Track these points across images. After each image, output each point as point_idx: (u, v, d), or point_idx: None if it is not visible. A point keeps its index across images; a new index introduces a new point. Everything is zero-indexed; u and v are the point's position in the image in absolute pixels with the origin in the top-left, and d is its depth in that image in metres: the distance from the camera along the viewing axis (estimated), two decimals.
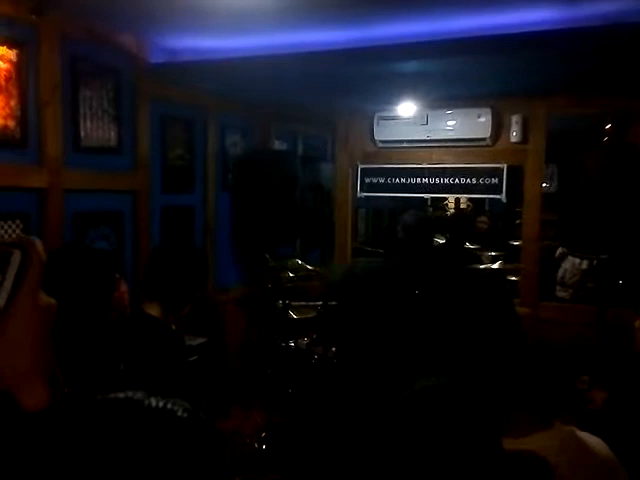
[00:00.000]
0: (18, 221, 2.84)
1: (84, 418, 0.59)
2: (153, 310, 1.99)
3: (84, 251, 2.23)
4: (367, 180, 4.93)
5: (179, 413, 0.60)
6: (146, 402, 0.60)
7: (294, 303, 4.06)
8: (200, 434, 0.60)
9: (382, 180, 4.88)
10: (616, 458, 1.31)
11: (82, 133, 3.17)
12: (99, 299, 1.67)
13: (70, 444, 0.56)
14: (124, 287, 1.78)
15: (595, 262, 4.22)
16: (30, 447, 0.58)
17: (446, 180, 4.65)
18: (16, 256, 0.60)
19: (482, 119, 4.38)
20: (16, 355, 0.61)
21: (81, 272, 1.66)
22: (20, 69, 2.81)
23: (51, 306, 0.64)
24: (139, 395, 0.60)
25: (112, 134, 3.37)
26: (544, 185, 4.59)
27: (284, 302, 3.94)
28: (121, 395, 0.61)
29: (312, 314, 4.00)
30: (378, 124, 4.75)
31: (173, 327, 2.06)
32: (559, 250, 4.74)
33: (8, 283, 0.60)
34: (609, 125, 5.09)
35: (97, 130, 3.27)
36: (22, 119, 2.84)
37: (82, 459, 0.55)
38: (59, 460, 0.55)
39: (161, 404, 0.60)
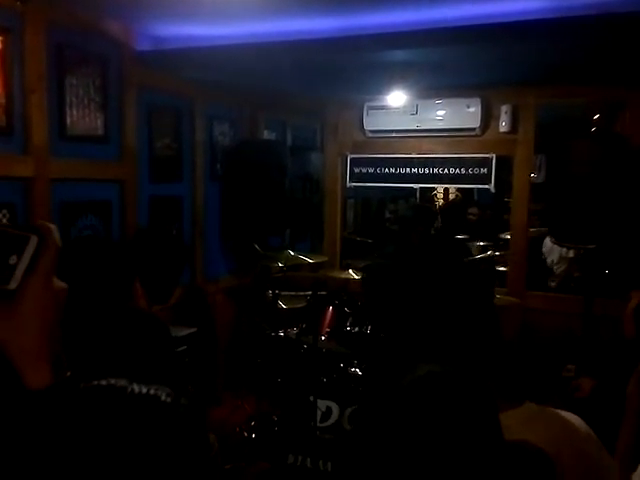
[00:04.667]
0: (5, 211, 2.81)
1: (68, 406, 0.60)
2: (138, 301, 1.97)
3: (106, 243, 2.21)
4: (356, 170, 4.93)
5: (162, 398, 0.61)
6: (129, 388, 0.61)
7: (283, 293, 4.07)
8: (183, 419, 0.61)
9: (371, 170, 4.88)
10: (594, 433, 1.33)
11: (68, 121, 3.13)
12: (122, 290, 1.67)
13: (56, 432, 0.57)
14: (138, 282, 1.79)
15: (582, 252, 4.25)
16: (25, 425, 0.59)
17: (435, 170, 4.66)
18: (33, 240, 0.64)
19: (471, 109, 4.38)
20: (25, 334, 0.64)
21: (107, 263, 1.66)
22: (5, 57, 2.76)
23: (62, 290, 0.68)
24: (122, 382, 0.62)
25: (99, 123, 3.33)
26: (532, 175, 4.61)
27: (273, 292, 3.95)
28: (104, 382, 0.62)
29: (301, 304, 4.00)
30: (367, 114, 4.74)
31: (157, 317, 2.04)
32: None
33: (23, 266, 0.64)
34: (597, 115, 5.13)
35: (84, 118, 3.23)
36: (7, 107, 2.79)
37: (68, 447, 0.56)
38: (46, 445, 0.56)
39: (144, 390, 0.61)
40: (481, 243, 5.25)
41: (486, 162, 4.46)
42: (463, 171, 4.54)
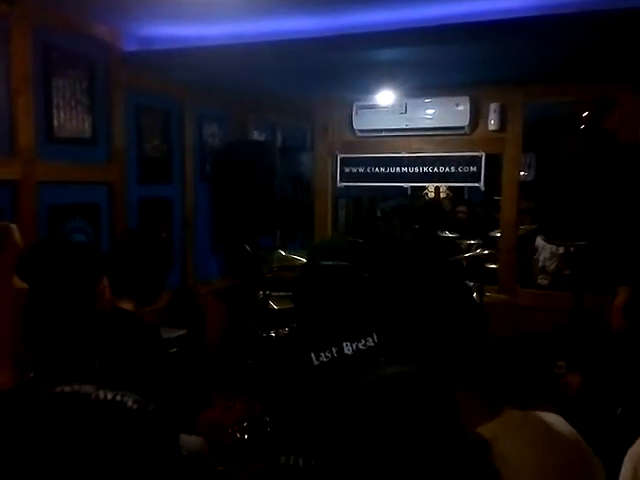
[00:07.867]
0: None
1: (30, 412, 0.58)
2: (126, 304, 1.96)
3: (66, 243, 2.19)
4: (346, 170, 4.92)
5: (129, 404, 0.60)
6: (94, 395, 0.59)
7: (274, 293, 4.06)
8: (150, 425, 0.60)
9: (362, 169, 4.88)
10: (578, 435, 1.29)
11: (55, 124, 3.11)
12: (82, 291, 1.65)
13: (17, 439, 0.56)
14: (106, 281, 1.76)
15: (572, 249, 4.27)
16: None
17: (425, 169, 4.66)
18: None
19: (460, 107, 4.39)
20: None
21: (64, 263, 1.64)
22: None
23: (22, 290, 0.67)
24: (87, 388, 0.60)
25: (86, 125, 3.31)
26: (522, 173, 4.62)
27: (264, 292, 3.94)
28: (67, 389, 0.61)
29: (292, 304, 3.99)
30: (357, 113, 4.74)
31: (147, 320, 2.03)
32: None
33: None
34: (586, 113, 5.15)
35: (71, 121, 3.21)
36: None
37: (27, 454, 0.55)
38: (5, 451, 0.55)
39: (110, 396, 0.60)
40: (472, 241, 5.26)
41: (475, 160, 4.47)
42: (453, 169, 4.55)
